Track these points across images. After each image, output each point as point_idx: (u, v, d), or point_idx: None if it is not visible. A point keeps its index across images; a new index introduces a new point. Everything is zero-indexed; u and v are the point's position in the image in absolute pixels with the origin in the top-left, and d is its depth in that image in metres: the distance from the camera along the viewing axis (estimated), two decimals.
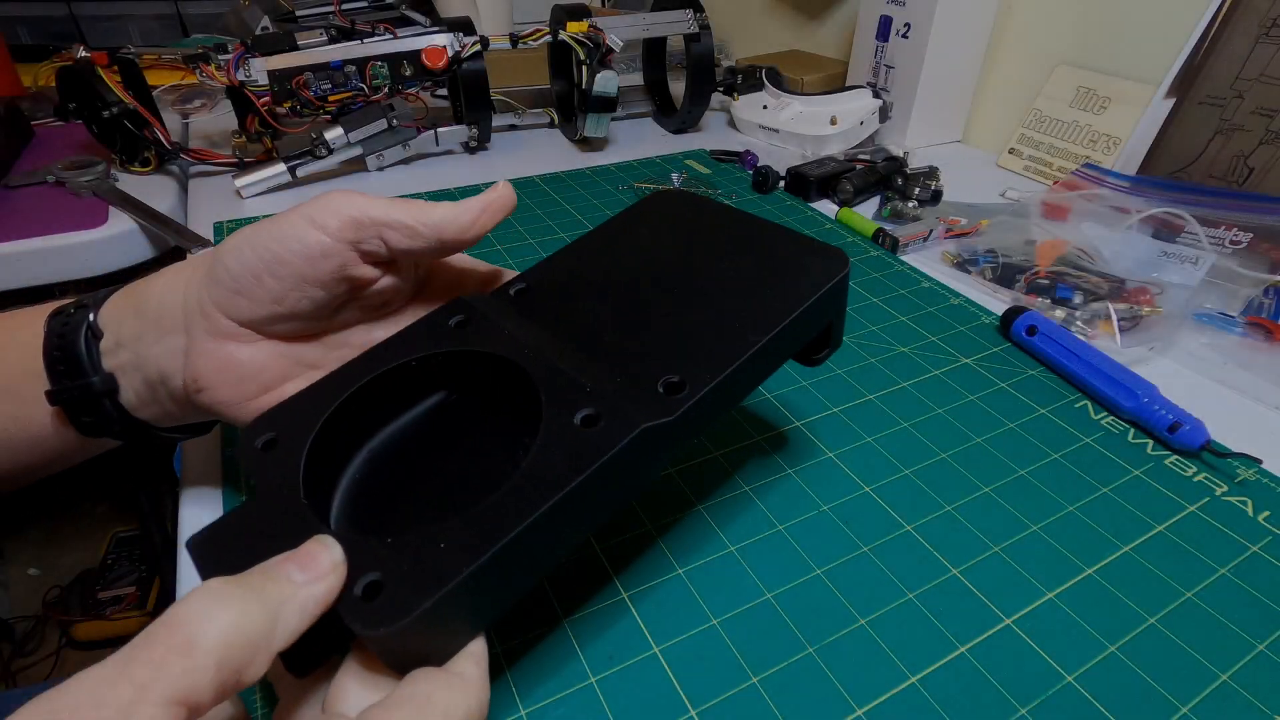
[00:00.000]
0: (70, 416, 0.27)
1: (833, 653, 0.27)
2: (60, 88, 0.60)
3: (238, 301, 0.25)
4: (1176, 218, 0.54)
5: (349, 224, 0.25)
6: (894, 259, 0.55)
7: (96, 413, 0.27)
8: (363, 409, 0.24)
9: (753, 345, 0.23)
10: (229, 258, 0.25)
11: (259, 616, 0.16)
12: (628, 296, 0.27)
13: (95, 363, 0.27)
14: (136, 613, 1.02)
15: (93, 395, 0.27)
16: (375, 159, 0.67)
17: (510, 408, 0.24)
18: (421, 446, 0.25)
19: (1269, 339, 0.45)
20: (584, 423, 0.21)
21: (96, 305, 0.27)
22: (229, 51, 0.59)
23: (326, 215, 0.24)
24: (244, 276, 0.25)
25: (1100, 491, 0.34)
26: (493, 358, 0.24)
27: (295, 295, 0.25)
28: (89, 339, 0.27)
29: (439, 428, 0.25)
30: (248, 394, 0.26)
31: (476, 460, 0.24)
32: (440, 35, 0.64)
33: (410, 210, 0.25)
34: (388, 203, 0.25)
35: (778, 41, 1.04)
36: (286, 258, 0.24)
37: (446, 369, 0.25)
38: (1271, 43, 0.55)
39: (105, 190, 0.61)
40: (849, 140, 0.73)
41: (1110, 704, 0.25)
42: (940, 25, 0.69)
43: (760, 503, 0.33)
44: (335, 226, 0.24)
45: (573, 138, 0.77)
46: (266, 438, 0.22)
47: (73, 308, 0.27)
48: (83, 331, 0.27)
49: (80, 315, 0.27)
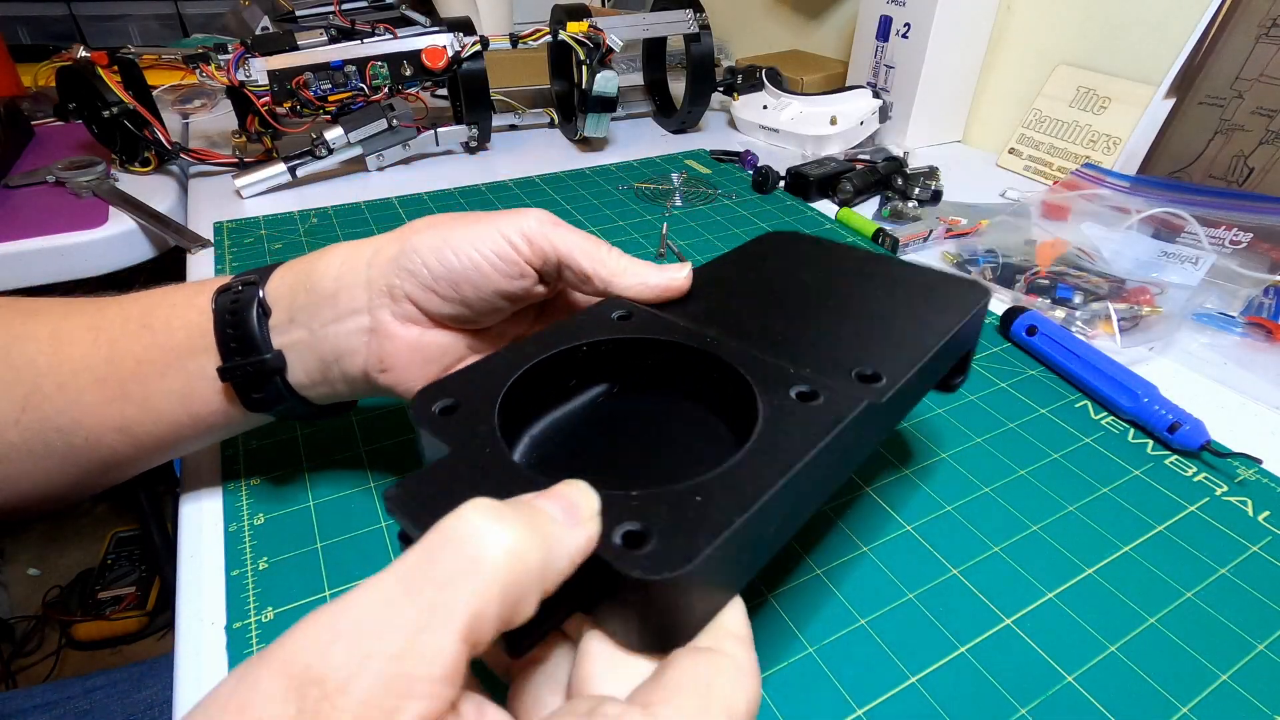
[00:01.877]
0: (239, 392, 0.28)
1: (833, 653, 0.27)
2: (60, 88, 0.60)
3: (431, 297, 0.26)
4: (1176, 218, 0.54)
5: (548, 250, 0.26)
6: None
7: (266, 389, 0.28)
8: (536, 385, 0.24)
9: (929, 350, 0.24)
10: (430, 256, 0.26)
11: (536, 547, 0.14)
12: (779, 307, 0.27)
13: (266, 339, 0.27)
14: (136, 613, 1.02)
15: (265, 372, 0.27)
16: (375, 159, 0.67)
17: (690, 393, 0.25)
18: (594, 425, 0.25)
19: (1269, 339, 0.45)
20: (801, 397, 0.21)
21: (262, 281, 0.28)
22: (229, 51, 0.59)
23: (536, 236, 0.26)
24: (443, 279, 0.26)
25: (1100, 491, 0.34)
26: (675, 345, 0.24)
27: (487, 304, 0.27)
28: (260, 316, 0.27)
29: (610, 409, 0.25)
30: (429, 375, 0.27)
31: (661, 440, 0.24)
32: (440, 35, 0.64)
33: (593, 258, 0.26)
34: (579, 242, 0.26)
35: (778, 41, 1.04)
36: (488, 271, 0.26)
37: (614, 357, 0.25)
38: (1271, 43, 0.55)
39: (105, 190, 0.61)
40: (849, 140, 0.73)
41: (1110, 704, 0.25)
42: (940, 25, 0.69)
43: None
44: (532, 251, 0.26)
45: (573, 138, 0.77)
46: (445, 403, 0.22)
47: (240, 285, 0.28)
48: (254, 308, 0.27)
49: (250, 292, 0.27)
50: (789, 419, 0.20)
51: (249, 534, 0.31)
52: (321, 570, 0.29)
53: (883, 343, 0.25)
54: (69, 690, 0.46)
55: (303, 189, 0.64)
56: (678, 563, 0.16)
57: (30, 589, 1.09)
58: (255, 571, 0.29)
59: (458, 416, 0.21)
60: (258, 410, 0.28)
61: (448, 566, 0.13)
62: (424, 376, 0.27)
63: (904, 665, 0.26)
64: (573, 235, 0.26)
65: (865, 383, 0.22)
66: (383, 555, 0.30)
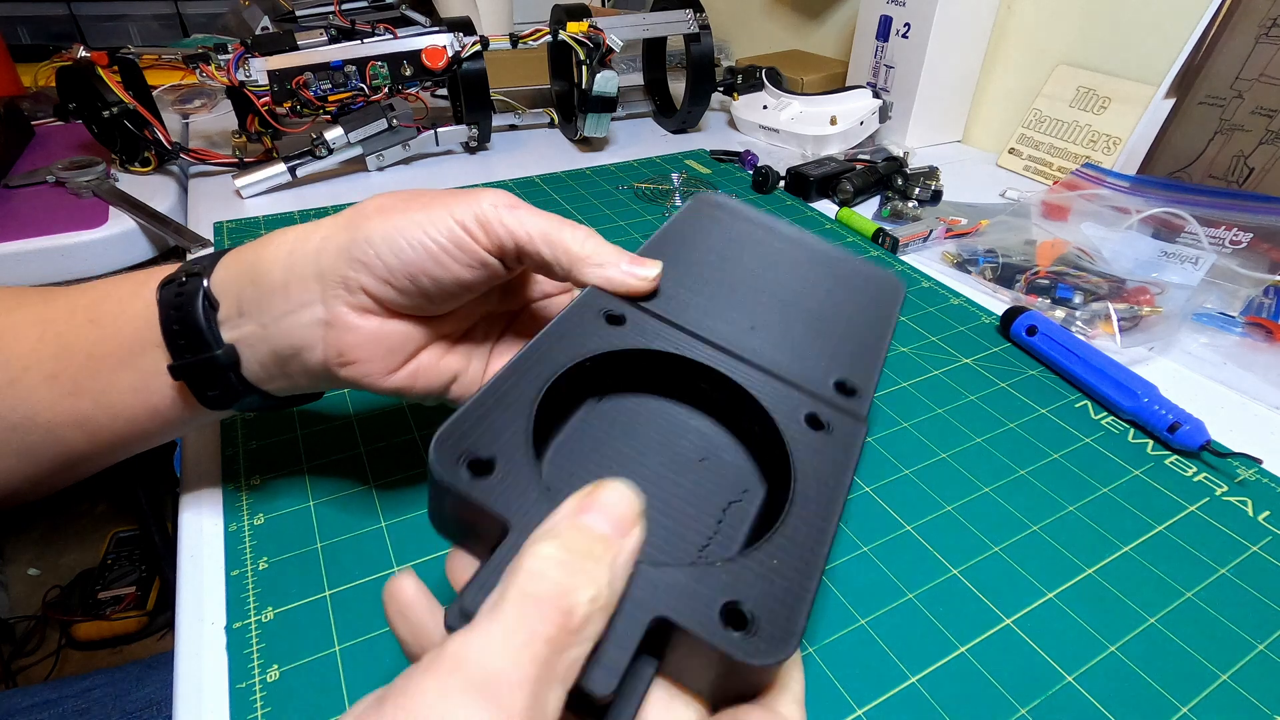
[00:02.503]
0: (193, 390, 0.27)
1: (833, 653, 0.27)
2: (60, 88, 0.60)
3: (387, 290, 0.25)
4: (1176, 218, 0.54)
5: (504, 237, 0.25)
6: (894, 259, 0.55)
7: (221, 386, 0.27)
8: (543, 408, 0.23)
9: (881, 353, 0.25)
10: (383, 248, 0.24)
11: (606, 581, 0.15)
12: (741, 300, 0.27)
13: (216, 335, 0.26)
14: (136, 613, 1.02)
15: (217, 369, 0.26)
16: (375, 159, 0.67)
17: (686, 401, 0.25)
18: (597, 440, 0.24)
19: (1269, 339, 0.45)
20: (811, 424, 0.22)
21: (207, 272, 0.26)
22: (229, 51, 0.59)
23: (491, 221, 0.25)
24: (399, 271, 0.25)
25: (1100, 491, 0.34)
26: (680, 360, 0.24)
27: (446, 293, 0.26)
28: (206, 309, 0.26)
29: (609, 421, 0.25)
30: (393, 365, 0.27)
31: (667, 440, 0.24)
32: (440, 35, 0.64)
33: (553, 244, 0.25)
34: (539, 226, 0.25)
35: (778, 41, 1.04)
36: (444, 260, 0.25)
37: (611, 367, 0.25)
38: (1271, 43, 0.55)
39: (105, 190, 0.61)
40: (849, 140, 0.73)
41: (1110, 704, 0.25)
42: (940, 25, 0.69)
43: None
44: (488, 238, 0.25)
45: (573, 138, 0.77)
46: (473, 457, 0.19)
47: (184, 276, 0.26)
48: (199, 301, 0.26)
49: (193, 284, 0.26)
50: (815, 457, 0.21)
51: (249, 534, 0.31)
52: (321, 570, 0.29)
53: (841, 342, 0.25)
54: (67, 689, 0.46)
55: (303, 189, 0.64)
56: (785, 645, 0.16)
57: (30, 589, 1.09)
58: (255, 571, 0.29)
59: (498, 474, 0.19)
60: (216, 408, 0.27)
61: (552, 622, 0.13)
62: (388, 367, 0.26)
63: (904, 665, 0.26)
64: (531, 218, 0.25)
65: (844, 394, 0.23)
66: (383, 555, 0.30)
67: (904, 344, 0.45)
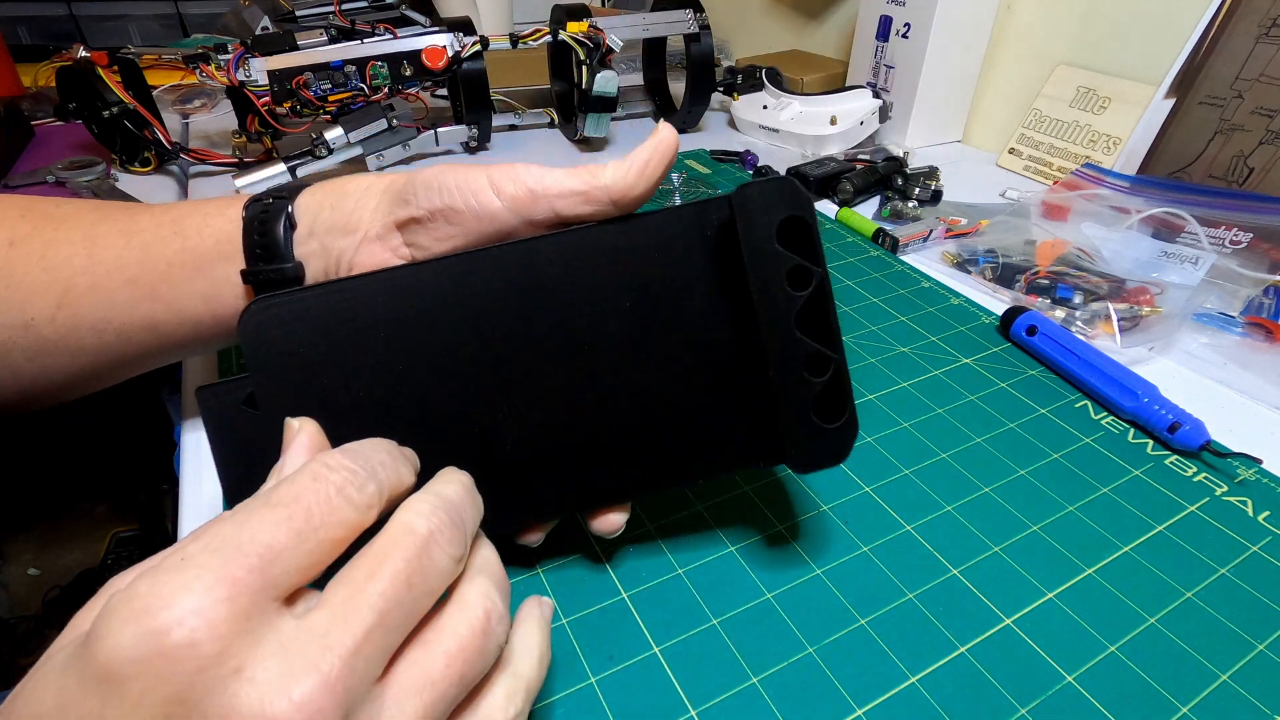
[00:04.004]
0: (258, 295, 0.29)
1: (833, 653, 0.27)
2: (60, 88, 0.60)
3: (418, 232, 0.27)
4: (1176, 218, 0.54)
5: (526, 196, 0.26)
6: (894, 259, 0.55)
7: None
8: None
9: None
10: (422, 194, 0.27)
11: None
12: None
13: (289, 249, 0.29)
14: None
15: (286, 279, 0.29)
16: (375, 159, 0.67)
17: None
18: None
19: (1269, 339, 0.45)
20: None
21: (292, 197, 0.30)
22: (229, 51, 0.59)
23: (505, 182, 0.26)
24: (429, 214, 0.27)
25: (1100, 491, 0.34)
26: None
27: (460, 243, 0.27)
28: (286, 227, 0.29)
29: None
30: None
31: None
32: (440, 35, 0.64)
33: (582, 177, 0.26)
34: (562, 174, 0.26)
35: (778, 41, 1.04)
36: (462, 209, 0.26)
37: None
38: (1271, 43, 0.55)
39: (105, 190, 0.61)
40: (849, 140, 0.73)
41: (1110, 704, 0.25)
42: (940, 25, 0.69)
43: (760, 503, 0.33)
44: (510, 194, 0.26)
45: (573, 138, 0.77)
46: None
47: (271, 198, 0.30)
48: (282, 219, 0.29)
49: (279, 205, 0.29)
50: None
51: None
52: None
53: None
54: None
55: None
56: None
57: (30, 589, 1.09)
58: None
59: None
60: None
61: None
62: None
63: (904, 665, 0.26)
64: (554, 170, 0.26)
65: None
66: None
67: (904, 344, 0.45)
